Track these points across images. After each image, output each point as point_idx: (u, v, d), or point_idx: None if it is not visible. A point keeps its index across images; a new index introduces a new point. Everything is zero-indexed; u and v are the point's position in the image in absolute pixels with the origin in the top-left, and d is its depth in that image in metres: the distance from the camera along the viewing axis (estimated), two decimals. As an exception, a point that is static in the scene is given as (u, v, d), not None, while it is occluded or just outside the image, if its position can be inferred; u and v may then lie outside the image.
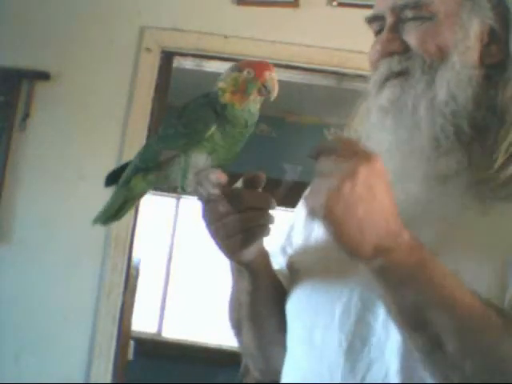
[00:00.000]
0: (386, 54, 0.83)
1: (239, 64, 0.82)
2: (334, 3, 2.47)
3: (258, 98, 0.81)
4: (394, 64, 0.83)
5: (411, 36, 0.82)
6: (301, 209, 0.98)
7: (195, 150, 0.80)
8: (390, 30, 0.84)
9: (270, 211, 0.79)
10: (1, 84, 2.46)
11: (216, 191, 0.77)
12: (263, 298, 0.90)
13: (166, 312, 4.59)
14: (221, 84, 0.82)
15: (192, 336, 4.46)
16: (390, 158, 0.80)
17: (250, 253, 0.81)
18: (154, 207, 2.81)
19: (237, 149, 0.83)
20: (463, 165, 0.80)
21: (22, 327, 2.41)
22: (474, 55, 0.81)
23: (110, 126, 2.46)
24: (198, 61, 2.58)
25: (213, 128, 0.80)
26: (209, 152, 0.81)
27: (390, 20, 0.84)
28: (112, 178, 0.88)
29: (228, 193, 0.78)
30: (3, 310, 2.42)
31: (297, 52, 2.42)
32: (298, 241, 0.96)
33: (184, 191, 0.82)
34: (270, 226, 0.80)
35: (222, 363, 4.03)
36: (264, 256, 0.87)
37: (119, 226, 2.43)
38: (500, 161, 0.78)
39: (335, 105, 0.89)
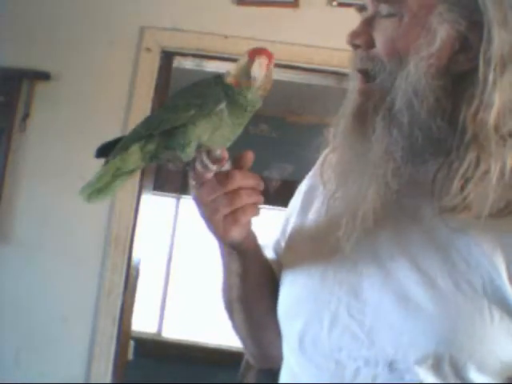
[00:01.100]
0: (352, 45, 0.84)
1: (247, 50, 0.83)
2: (334, 3, 2.47)
3: (252, 83, 0.81)
4: (358, 60, 0.83)
5: (378, 35, 0.81)
6: (295, 205, 0.99)
7: (203, 121, 0.81)
8: (363, 22, 0.83)
9: (259, 191, 0.82)
10: (1, 84, 2.46)
11: (214, 167, 0.79)
12: (253, 280, 0.92)
13: (166, 312, 4.59)
14: (231, 67, 0.83)
15: (192, 336, 4.46)
16: (349, 170, 0.83)
17: (239, 232, 0.82)
18: (154, 207, 2.81)
19: (237, 130, 0.84)
20: (422, 187, 0.79)
21: (22, 327, 2.41)
22: (438, 62, 0.78)
23: (110, 125, 2.46)
24: (197, 61, 2.58)
25: (223, 104, 0.81)
26: (215, 127, 0.82)
27: (368, 12, 0.83)
28: (103, 151, 0.87)
29: (218, 173, 0.80)
30: (3, 309, 2.42)
31: (297, 52, 2.42)
32: (289, 237, 0.96)
33: (177, 163, 0.83)
34: (259, 205, 0.82)
35: (222, 363, 4.03)
36: (253, 238, 0.89)
37: (119, 226, 2.44)
38: (456, 185, 0.76)
39: (335, 105, 0.89)
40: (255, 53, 0.81)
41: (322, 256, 0.85)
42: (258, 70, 0.80)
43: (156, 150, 0.84)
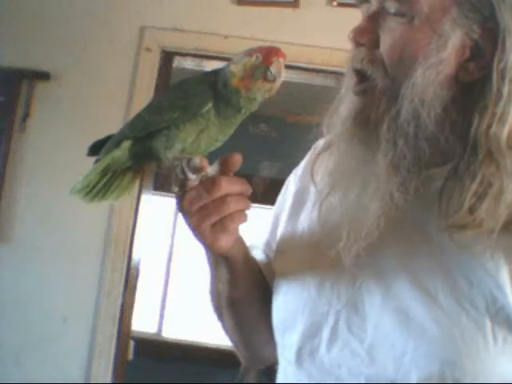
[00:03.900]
0: (356, 43, 0.79)
1: (250, 50, 0.80)
2: (334, 3, 2.47)
3: (266, 86, 0.78)
4: (358, 59, 0.78)
5: (384, 36, 0.76)
6: (284, 205, 0.96)
7: (188, 124, 0.79)
8: (367, 19, 0.78)
9: (247, 197, 0.79)
10: (1, 84, 2.46)
11: (193, 177, 0.76)
12: (242, 286, 0.89)
13: (166, 312, 4.59)
14: (232, 67, 0.80)
15: (192, 336, 4.46)
16: (352, 179, 0.79)
17: (228, 240, 0.78)
18: (153, 207, 2.81)
19: (228, 131, 0.82)
20: (427, 200, 0.76)
21: (21, 327, 2.41)
22: (446, 69, 0.74)
23: (110, 125, 2.46)
24: (197, 61, 2.58)
25: (209, 105, 0.79)
26: (201, 129, 0.79)
27: (373, 7, 0.78)
28: (96, 149, 0.86)
29: (204, 179, 0.77)
30: (3, 309, 2.42)
31: (297, 52, 2.41)
32: (280, 241, 0.93)
33: (160, 167, 0.80)
34: (247, 211, 0.79)
35: (222, 363, 4.02)
36: (241, 244, 0.85)
37: (119, 226, 2.44)
38: (468, 204, 0.72)
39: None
40: (271, 53, 0.78)
41: (318, 266, 0.82)
42: (278, 71, 0.77)
43: (142, 151, 0.82)
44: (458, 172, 0.74)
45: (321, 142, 0.93)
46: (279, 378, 0.88)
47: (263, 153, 4.09)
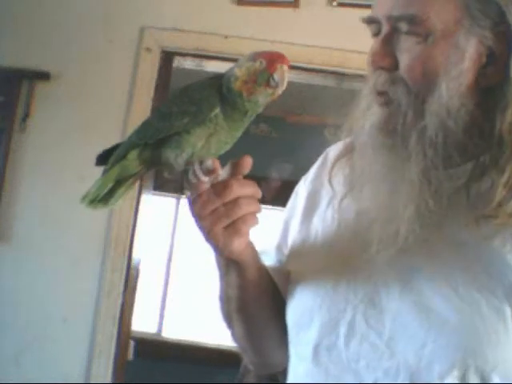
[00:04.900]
0: (376, 67, 0.80)
1: (255, 54, 0.80)
2: (334, 3, 2.48)
3: (268, 92, 0.79)
4: (380, 83, 0.79)
5: (402, 56, 0.78)
6: (295, 209, 0.97)
7: (197, 129, 0.80)
8: (383, 42, 0.79)
9: (257, 199, 0.80)
10: (1, 84, 2.46)
11: (206, 179, 0.77)
12: (252, 291, 0.89)
13: (166, 312, 4.59)
14: (236, 70, 0.80)
15: (192, 336, 4.46)
16: (381, 184, 0.80)
17: (240, 243, 0.80)
18: (154, 207, 2.81)
19: (236, 134, 0.82)
20: (459, 199, 0.77)
21: (22, 327, 2.41)
22: (467, 79, 0.76)
23: (110, 126, 2.46)
24: (197, 61, 2.58)
25: (217, 109, 0.79)
26: (211, 133, 0.80)
27: (385, 29, 0.79)
28: (103, 158, 0.86)
29: (215, 183, 0.78)
30: (3, 309, 2.42)
31: (297, 52, 2.41)
32: (293, 244, 0.94)
33: (171, 172, 0.81)
34: (258, 214, 0.80)
35: (222, 363, 4.03)
36: (251, 248, 0.86)
37: (119, 226, 2.44)
38: (499, 197, 0.75)
39: (335, 105, 0.89)
40: (275, 59, 0.78)
41: (334, 265, 0.83)
42: (282, 77, 0.78)
43: (151, 158, 0.83)
44: (484, 168, 0.77)
45: (334, 148, 0.94)
46: (289, 376, 0.88)
47: (263, 153, 4.09)
